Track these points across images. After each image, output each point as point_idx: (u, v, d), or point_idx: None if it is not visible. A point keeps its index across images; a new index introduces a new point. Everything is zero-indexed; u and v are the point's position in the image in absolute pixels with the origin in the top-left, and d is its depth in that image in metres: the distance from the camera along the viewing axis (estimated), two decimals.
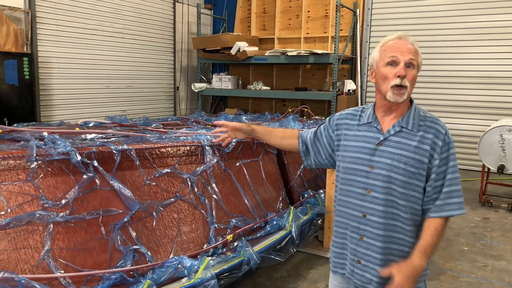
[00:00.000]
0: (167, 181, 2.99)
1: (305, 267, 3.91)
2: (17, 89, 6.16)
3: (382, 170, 1.78)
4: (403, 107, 1.81)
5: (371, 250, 1.83)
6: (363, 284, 1.88)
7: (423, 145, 1.75)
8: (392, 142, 1.79)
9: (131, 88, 8.46)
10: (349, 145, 1.90)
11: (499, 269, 3.96)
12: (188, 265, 2.61)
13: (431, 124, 1.79)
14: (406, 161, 1.75)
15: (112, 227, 2.55)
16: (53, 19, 6.85)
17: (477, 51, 7.69)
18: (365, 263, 1.85)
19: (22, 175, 2.35)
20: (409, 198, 1.78)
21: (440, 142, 1.75)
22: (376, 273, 1.82)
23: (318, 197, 4.24)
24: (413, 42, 1.78)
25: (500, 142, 5.51)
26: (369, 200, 1.82)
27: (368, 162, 1.82)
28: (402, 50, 1.74)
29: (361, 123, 1.89)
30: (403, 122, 1.79)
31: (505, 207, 5.78)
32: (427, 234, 1.75)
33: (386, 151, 1.79)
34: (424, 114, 1.83)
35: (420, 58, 1.79)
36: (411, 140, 1.77)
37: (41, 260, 2.23)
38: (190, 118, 5.87)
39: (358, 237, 1.87)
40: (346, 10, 8.48)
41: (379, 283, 1.83)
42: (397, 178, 1.76)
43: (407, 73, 1.74)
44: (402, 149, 1.77)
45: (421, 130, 1.77)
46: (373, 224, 1.81)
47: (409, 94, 1.77)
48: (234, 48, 8.48)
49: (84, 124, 4.29)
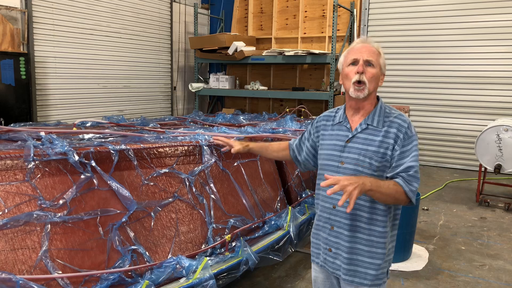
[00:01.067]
0: (165, 181, 2.98)
1: (303, 267, 3.91)
2: (13, 89, 6.13)
3: (350, 165, 1.94)
4: (368, 105, 1.97)
5: (340, 238, 1.99)
6: (334, 271, 2.05)
7: (387, 139, 1.90)
8: (360, 138, 1.94)
9: (128, 88, 8.43)
10: (324, 143, 2.08)
11: (496, 269, 3.97)
12: (186, 265, 2.60)
13: (394, 119, 1.93)
14: (371, 156, 1.90)
15: (110, 227, 2.54)
16: (50, 19, 6.82)
17: (474, 51, 7.71)
18: (335, 251, 2.02)
19: (20, 175, 2.34)
20: None
21: (401, 135, 1.89)
22: (344, 260, 1.98)
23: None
24: (374, 45, 1.95)
25: (497, 141, 5.53)
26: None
27: (338, 158, 1.98)
28: (361, 51, 1.92)
29: (334, 123, 2.07)
30: (368, 120, 1.95)
31: (502, 207, 5.80)
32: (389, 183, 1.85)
33: (354, 147, 1.94)
34: (389, 111, 1.98)
35: (382, 59, 1.95)
36: (376, 136, 1.91)
37: (38, 261, 2.22)
38: (187, 118, 5.87)
39: (330, 227, 2.03)
40: (343, 10, 8.49)
41: (347, 269, 1.99)
42: (363, 171, 1.90)
43: (366, 70, 1.90)
44: (368, 144, 1.91)
45: (385, 126, 1.92)
46: (342, 214, 1.97)
47: (370, 90, 1.91)
48: (231, 48, 8.47)
49: (82, 124, 4.28)
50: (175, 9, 9.36)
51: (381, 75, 1.96)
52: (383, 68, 1.96)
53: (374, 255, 1.96)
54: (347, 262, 1.98)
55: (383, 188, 1.81)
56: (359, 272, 1.98)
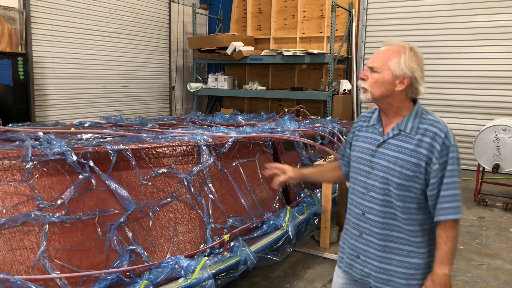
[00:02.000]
0: (164, 181, 2.98)
1: (302, 266, 3.91)
2: (11, 89, 6.12)
3: (380, 172, 1.85)
4: (394, 109, 1.86)
5: (369, 246, 1.91)
6: (362, 277, 1.96)
7: (420, 148, 1.77)
8: (391, 145, 1.85)
9: (127, 88, 8.43)
10: (357, 145, 1.99)
11: (495, 268, 3.98)
12: (185, 265, 2.60)
13: (430, 127, 1.80)
14: (402, 164, 1.79)
15: (108, 228, 2.53)
16: (48, 19, 6.81)
17: (472, 51, 7.72)
18: (364, 259, 1.93)
19: (17, 175, 2.34)
20: (405, 199, 1.81)
21: (438, 146, 1.76)
22: (375, 268, 1.90)
23: (314, 196, 4.25)
24: (395, 47, 1.83)
25: (495, 141, 5.53)
26: (368, 199, 1.89)
27: (369, 163, 1.90)
28: (372, 57, 1.89)
29: (369, 125, 1.99)
30: (401, 125, 1.84)
31: (500, 206, 5.81)
32: (440, 243, 1.80)
33: (385, 153, 1.85)
34: (426, 116, 1.85)
35: (394, 62, 1.80)
36: (408, 144, 1.80)
37: (36, 261, 2.22)
38: (186, 118, 5.87)
39: (358, 233, 1.94)
40: (341, 10, 8.50)
41: (378, 278, 1.91)
42: (393, 180, 1.81)
43: (369, 76, 1.86)
44: (399, 152, 1.81)
45: (419, 134, 1.79)
46: (372, 222, 1.88)
47: (373, 95, 1.85)
48: (230, 48, 8.47)
49: (80, 124, 4.28)
50: (174, 9, 9.35)
51: (400, 78, 1.81)
52: (399, 71, 1.80)
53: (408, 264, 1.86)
54: (378, 270, 1.90)
55: (447, 255, 1.78)
56: (393, 281, 1.88)
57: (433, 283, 1.79)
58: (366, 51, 8.65)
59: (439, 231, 1.81)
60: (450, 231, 1.79)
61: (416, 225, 1.84)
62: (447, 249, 1.78)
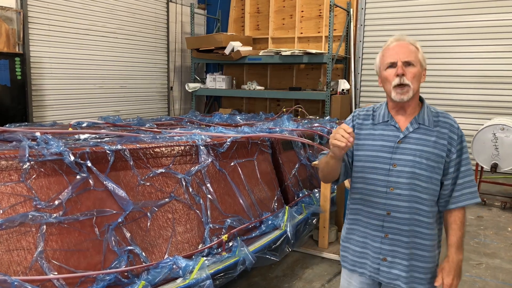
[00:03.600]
0: (162, 181, 2.97)
1: (300, 266, 3.90)
2: (9, 89, 6.09)
3: (405, 167, 1.83)
4: (414, 105, 1.88)
5: (397, 246, 1.88)
6: (391, 281, 1.91)
7: (441, 140, 1.84)
8: (412, 139, 1.84)
9: (125, 88, 8.41)
10: (364, 144, 1.92)
11: (493, 267, 3.98)
12: (183, 265, 2.59)
13: (444, 119, 1.87)
14: (428, 156, 1.82)
15: (106, 228, 2.52)
16: (46, 19, 6.79)
17: (470, 50, 7.73)
18: (392, 260, 1.89)
19: (15, 175, 2.33)
20: (430, 192, 1.85)
21: (455, 136, 1.84)
22: (404, 268, 1.88)
23: (313, 196, 4.24)
24: (410, 41, 1.85)
25: (493, 140, 5.54)
26: (392, 198, 1.87)
27: (389, 160, 1.86)
28: (398, 51, 1.82)
29: (375, 122, 1.93)
30: (419, 119, 1.86)
31: (498, 206, 5.82)
32: (455, 229, 1.87)
33: (408, 148, 1.84)
34: (435, 110, 1.91)
35: (420, 54, 1.85)
36: (430, 136, 1.83)
37: (34, 262, 2.21)
38: (184, 118, 5.87)
39: (383, 235, 1.89)
40: (339, 10, 8.49)
41: (406, 278, 1.89)
42: (421, 173, 1.82)
43: (407, 71, 1.80)
44: (423, 145, 1.83)
45: (437, 126, 1.85)
46: (398, 220, 1.86)
47: (414, 90, 1.82)
48: (228, 48, 8.46)
49: (77, 124, 4.27)
50: (172, 9, 9.34)
51: (422, 71, 1.86)
52: (424, 63, 1.86)
53: (427, 259, 1.90)
54: (408, 269, 1.88)
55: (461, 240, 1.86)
56: (416, 277, 1.89)
57: (451, 270, 1.84)
58: (364, 50, 8.65)
59: (454, 218, 1.87)
60: (464, 217, 1.88)
61: (431, 217, 1.88)
62: (461, 234, 1.86)
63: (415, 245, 1.88)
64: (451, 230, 1.88)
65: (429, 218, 1.87)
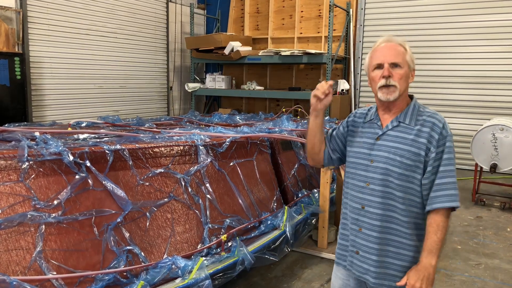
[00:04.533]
0: (161, 181, 2.97)
1: (300, 266, 3.90)
2: (8, 89, 6.09)
3: (380, 163, 1.87)
4: (401, 104, 1.90)
5: (368, 240, 1.90)
6: (361, 275, 1.94)
7: (420, 138, 1.82)
8: (390, 136, 1.88)
9: (124, 88, 8.41)
10: (354, 140, 2.01)
11: (492, 268, 3.98)
12: (182, 265, 2.59)
13: (428, 118, 1.85)
14: (402, 154, 1.82)
15: (105, 228, 2.52)
16: (45, 19, 6.79)
17: (470, 50, 7.73)
18: (363, 254, 1.92)
19: (13, 175, 2.33)
20: (406, 190, 1.84)
21: (436, 135, 1.81)
22: (373, 263, 1.89)
23: (312, 196, 4.24)
24: (399, 42, 1.89)
25: (493, 141, 5.54)
26: (367, 192, 1.90)
27: (368, 156, 1.91)
28: (385, 53, 1.86)
29: (366, 121, 2.00)
30: (400, 117, 1.88)
31: (497, 206, 5.82)
32: (429, 232, 1.81)
33: (384, 145, 1.88)
34: (423, 109, 1.90)
35: (408, 56, 1.87)
36: (408, 134, 1.84)
37: (33, 262, 2.20)
38: (183, 118, 5.86)
39: (357, 228, 1.94)
40: (339, 10, 8.49)
41: (376, 273, 1.89)
42: (393, 170, 1.83)
43: (394, 72, 1.83)
44: (399, 142, 1.84)
45: (418, 124, 1.85)
46: (371, 215, 1.89)
47: (401, 91, 1.85)
48: (228, 48, 8.46)
49: (77, 124, 4.27)
50: (171, 9, 9.34)
51: (411, 72, 1.89)
52: (412, 64, 1.88)
53: (403, 257, 1.89)
54: (377, 265, 1.89)
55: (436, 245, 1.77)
56: (389, 274, 1.90)
57: (417, 273, 1.78)
58: (364, 51, 8.65)
59: (430, 220, 1.82)
60: (442, 220, 1.80)
61: (413, 217, 1.87)
62: (436, 239, 1.78)
63: (388, 242, 1.88)
64: (426, 233, 1.82)
65: (404, 216, 1.85)
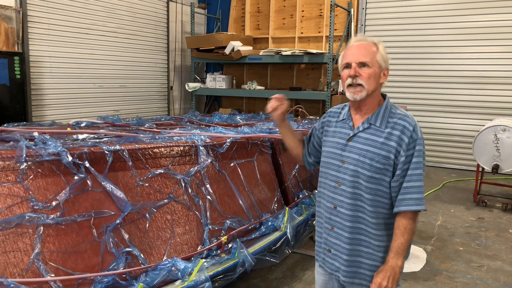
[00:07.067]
0: (161, 182, 2.94)
1: (301, 268, 3.88)
2: (8, 88, 6.07)
3: (350, 165, 1.90)
4: (371, 104, 1.91)
5: (340, 240, 1.95)
6: (332, 272, 2.01)
7: (390, 141, 1.84)
8: (361, 138, 1.90)
9: (124, 88, 8.39)
10: (327, 140, 2.04)
11: (495, 269, 3.95)
12: (181, 267, 2.57)
13: (399, 121, 1.86)
14: (372, 157, 1.84)
15: (104, 229, 2.50)
16: (45, 18, 6.76)
17: (471, 51, 7.71)
18: (335, 252, 1.98)
19: (11, 176, 2.30)
20: (375, 192, 1.87)
21: (406, 138, 1.82)
22: (344, 262, 1.94)
23: (313, 197, 4.22)
24: (372, 41, 1.88)
25: (495, 141, 5.51)
26: (339, 193, 1.94)
27: (339, 157, 1.94)
28: (354, 53, 1.86)
29: (338, 120, 2.02)
30: (371, 119, 1.89)
31: (499, 207, 5.79)
32: (397, 234, 1.85)
33: (355, 147, 1.90)
34: (395, 111, 1.91)
35: (380, 55, 1.86)
36: (378, 137, 1.86)
37: (31, 264, 2.18)
38: (184, 118, 5.83)
39: (330, 227, 1.99)
40: (340, 10, 8.47)
41: (347, 272, 1.95)
42: (363, 173, 1.86)
43: (362, 71, 1.83)
44: (369, 145, 1.87)
45: (389, 127, 1.86)
46: (342, 216, 1.93)
47: (369, 91, 1.85)
48: (228, 47, 8.44)
49: (76, 124, 4.24)
50: (172, 9, 9.32)
51: (383, 71, 1.88)
52: (384, 63, 1.87)
53: (373, 257, 1.93)
54: (347, 264, 1.94)
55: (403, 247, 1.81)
56: (359, 273, 1.95)
57: (384, 272, 1.82)
58: None
59: (398, 222, 1.85)
60: (409, 223, 1.84)
61: (381, 218, 1.89)
62: (403, 240, 1.82)
63: (359, 242, 1.92)
64: (394, 235, 1.86)
65: (372, 218, 1.88)
